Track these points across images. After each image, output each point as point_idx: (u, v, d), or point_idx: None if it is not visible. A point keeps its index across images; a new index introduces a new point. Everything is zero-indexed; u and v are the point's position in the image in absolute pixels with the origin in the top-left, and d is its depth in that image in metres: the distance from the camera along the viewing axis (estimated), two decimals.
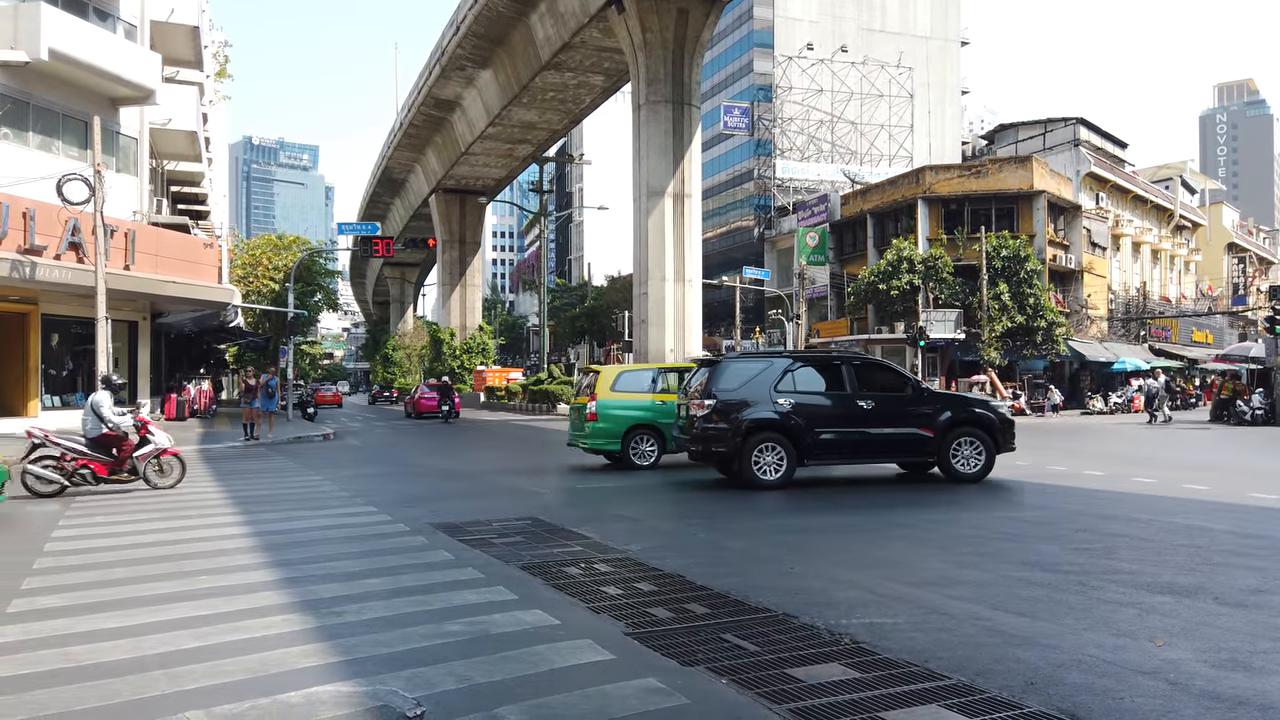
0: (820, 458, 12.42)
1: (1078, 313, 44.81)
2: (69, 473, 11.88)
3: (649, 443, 15.42)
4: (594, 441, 15.60)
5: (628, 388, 15.72)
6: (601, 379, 15.88)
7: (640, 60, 34.08)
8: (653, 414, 15.45)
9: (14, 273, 21.11)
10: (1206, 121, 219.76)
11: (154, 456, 12.47)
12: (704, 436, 12.42)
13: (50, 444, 11.85)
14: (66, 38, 23.33)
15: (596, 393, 15.60)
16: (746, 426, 12.13)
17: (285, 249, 54.50)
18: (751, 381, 12.41)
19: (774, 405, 12.23)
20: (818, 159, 62.13)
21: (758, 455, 12.11)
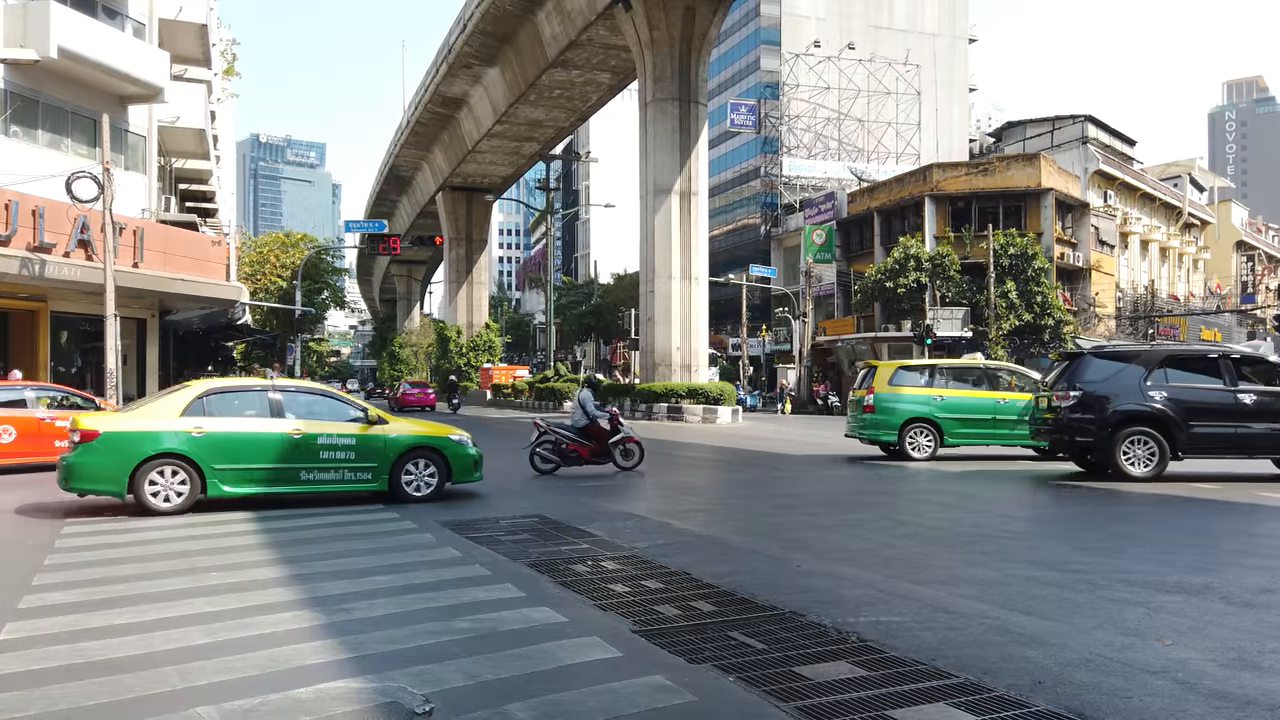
0: (1196, 453, 12.61)
1: (1085, 311, 44.68)
2: (563, 454, 14.45)
3: (926, 435, 15.98)
4: (871, 432, 16.37)
5: (905, 383, 16.29)
6: (879, 374, 16.52)
7: (647, 58, 34.06)
8: (930, 408, 16.00)
9: (23, 270, 21.19)
10: (1215, 119, 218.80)
11: (622, 443, 14.79)
12: (1066, 426, 12.75)
13: (552, 432, 14.49)
14: (76, 36, 23.40)
15: (874, 386, 16.28)
16: (1116, 418, 12.43)
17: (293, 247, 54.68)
18: (1118, 375, 12.75)
19: (1145, 398, 12.48)
20: (825, 156, 62.01)
21: (1127, 448, 12.42)
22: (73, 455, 9.70)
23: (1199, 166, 74.01)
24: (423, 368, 78.98)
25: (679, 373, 33.60)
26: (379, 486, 10.83)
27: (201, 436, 9.95)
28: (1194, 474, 13.36)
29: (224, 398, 10.44)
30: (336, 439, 10.60)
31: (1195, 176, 67.36)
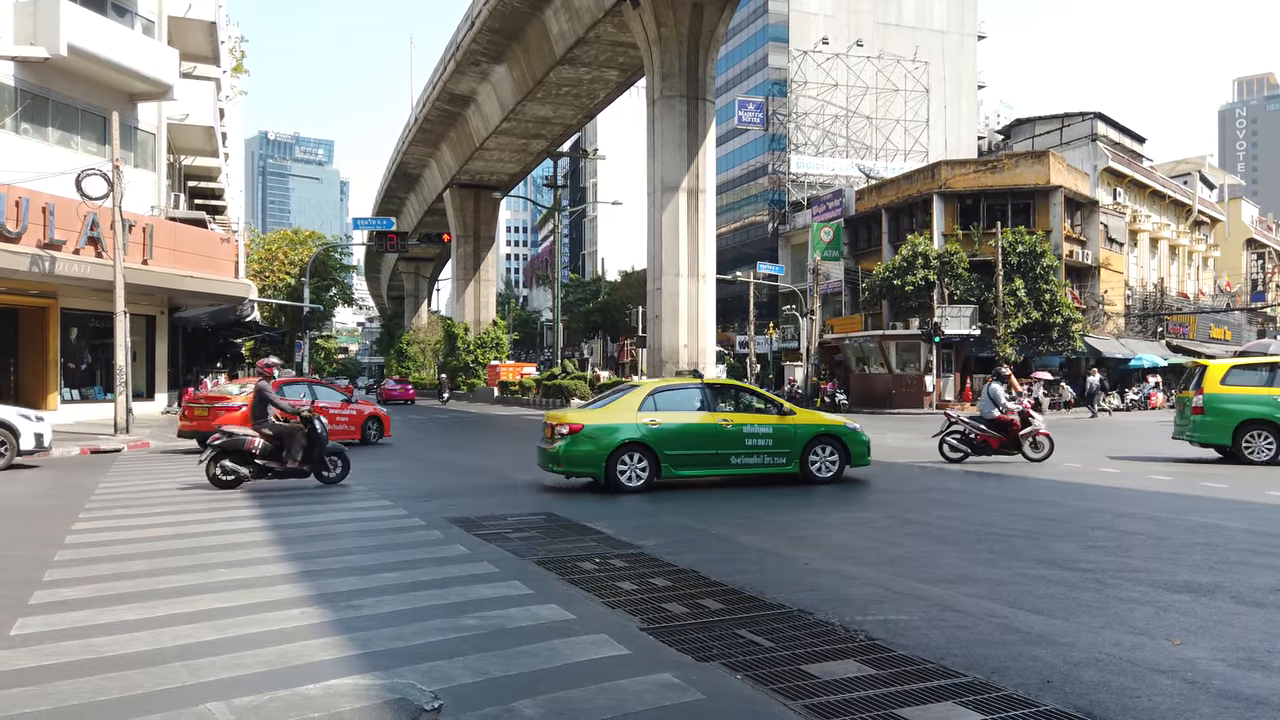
0: None
1: (1094, 309, 44.51)
2: (974, 444, 15.05)
3: (1265, 439, 14.88)
4: (1201, 435, 15.40)
5: (1240, 382, 15.26)
6: (1210, 373, 15.53)
7: (655, 55, 34.03)
8: (1270, 409, 14.88)
9: (34, 267, 21.29)
10: (1226, 116, 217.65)
11: (1032, 435, 15.08)
12: None
13: (961, 423, 15.19)
14: (85, 34, 23.49)
15: (1205, 386, 15.32)
16: None
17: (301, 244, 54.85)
18: None
19: None
20: (832, 154, 61.87)
21: None
22: (563, 445, 11.54)
23: (1209, 164, 73.63)
24: (430, 365, 79.11)
25: (686, 370, 33.60)
26: (792, 469, 12.29)
27: (656, 428, 11.71)
28: None
29: (668, 394, 12.20)
30: (758, 428, 12.14)
31: (1205, 174, 67.04)
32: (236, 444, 11.82)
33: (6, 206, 21.01)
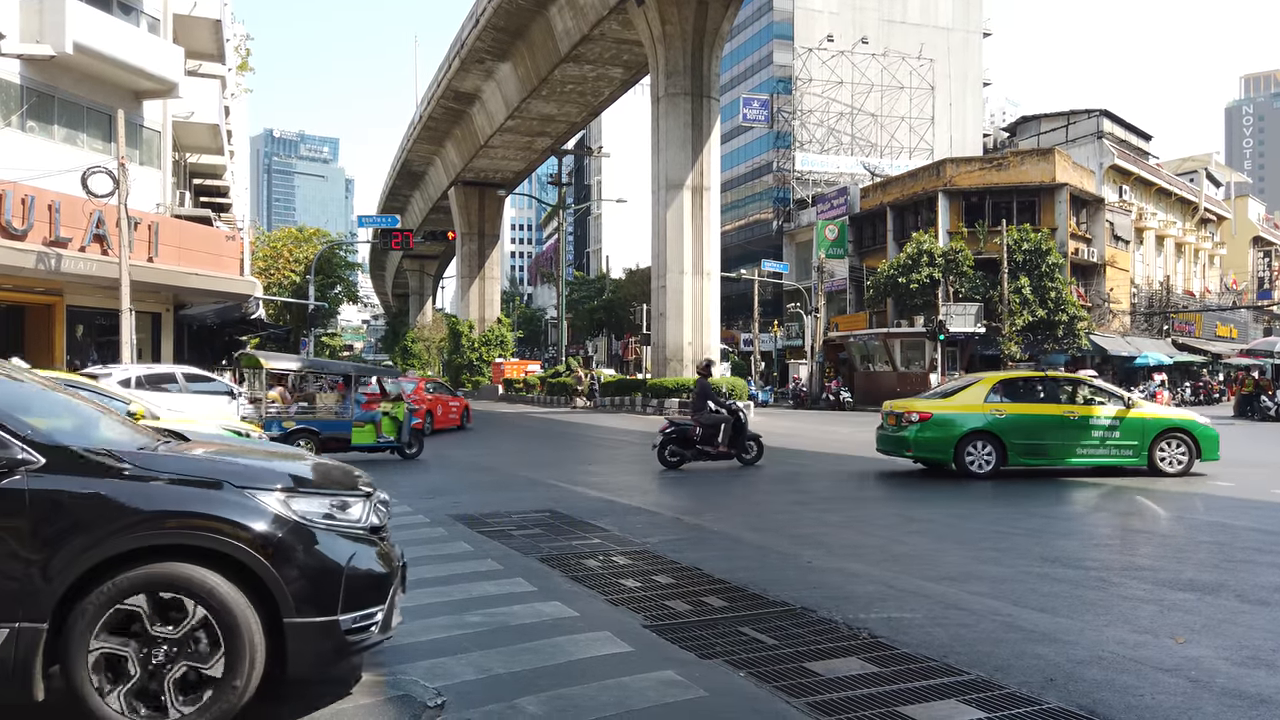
0: None
1: (1100, 307, 44.41)
2: None
3: None
4: None
5: None
6: None
7: (659, 52, 34.01)
8: None
9: (40, 264, 21.33)
10: (1232, 113, 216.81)
11: None
12: None
13: None
14: (91, 31, 23.51)
15: None
16: None
17: (306, 241, 54.88)
18: None
19: None
20: (837, 151, 61.77)
21: None
22: (913, 430, 12.36)
23: (1215, 161, 73.38)
24: (435, 362, 79.21)
25: (690, 368, 33.58)
26: (1139, 462, 12.48)
27: (1002, 418, 12.27)
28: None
29: (1011, 385, 12.90)
30: (1103, 419, 12.40)
31: (1211, 171, 66.81)
32: (683, 432, 14.11)
33: (13, 204, 21.06)
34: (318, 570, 3.63)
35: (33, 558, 3.37)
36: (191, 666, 3.44)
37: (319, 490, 3.87)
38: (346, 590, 3.66)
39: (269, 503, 3.67)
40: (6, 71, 22.72)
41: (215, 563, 3.52)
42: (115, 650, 3.40)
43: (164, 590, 3.44)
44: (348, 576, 3.67)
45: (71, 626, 3.37)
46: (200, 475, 3.69)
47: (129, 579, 3.44)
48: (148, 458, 3.74)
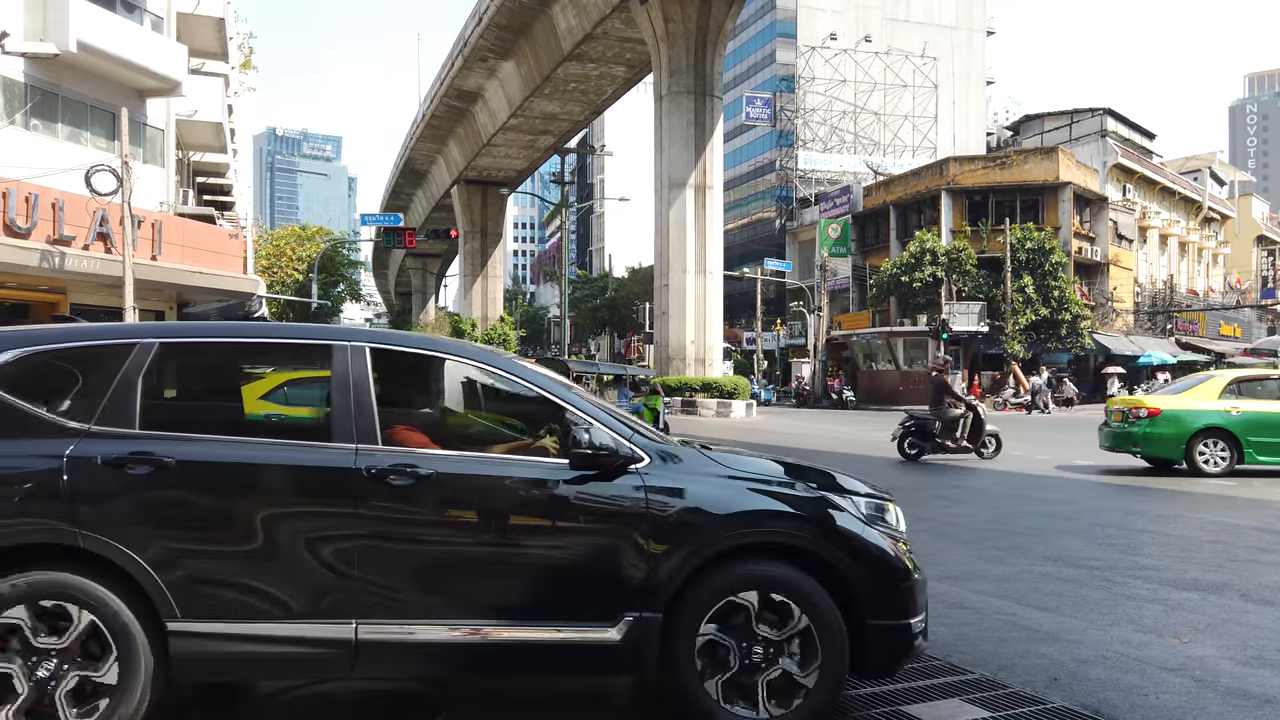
0: None
1: (1103, 306, 44.35)
2: None
3: None
4: None
5: None
6: None
7: (662, 51, 33.98)
8: None
9: (44, 263, 21.36)
10: (1236, 112, 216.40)
11: None
12: None
13: None
14: (94, 30, 23.53)
15: None
16: None
17: (309, 240, 54.95)
18: None
19: None
20: (840, 150, 61.73)
21: None
22: (1141, 427, 12.44)
23: (1219, 160, 73.26)
24: None
25: (693, 366, 33.58)
26: None
27: (1238, 416, 12.24)
28: None
29: (1248, 384, 12.84)
30: None
31: (1215, 170, 66.69)
32: (923, 425, 14.83)
33: (16, 202, 21.09)
34: (892, 573, 3.65)
35: (654, 551, 3.46)
36: (784, 670, 3.50)
37: (869, 495, 3.88)
38: (914, 593, 3.68)
39: (846, 505, 3.71)
40: (10, 70, 22.75)
41: (801, 563, 3.58)
42: (719, 640, 3.50)
43: (774, 591, 3.51)
44: (916, 580, 3.70)
45: (680, 617, 3.47)
46: (774, 476, 3.77)
47: (737, 574, 3.54)
48: (725, 457, 3.84)
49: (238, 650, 3.34)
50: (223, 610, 3.34)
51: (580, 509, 3.51)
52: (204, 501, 3.40)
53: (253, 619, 3.35)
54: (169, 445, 3.37)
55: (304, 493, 3.46)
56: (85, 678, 3.23)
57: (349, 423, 3.50)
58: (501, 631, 3.42)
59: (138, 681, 3.25)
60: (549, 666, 3.58)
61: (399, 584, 3.40)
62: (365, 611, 3.38)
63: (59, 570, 3.24)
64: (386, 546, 3.41)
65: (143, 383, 3.48)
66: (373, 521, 3.39)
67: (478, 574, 3.47)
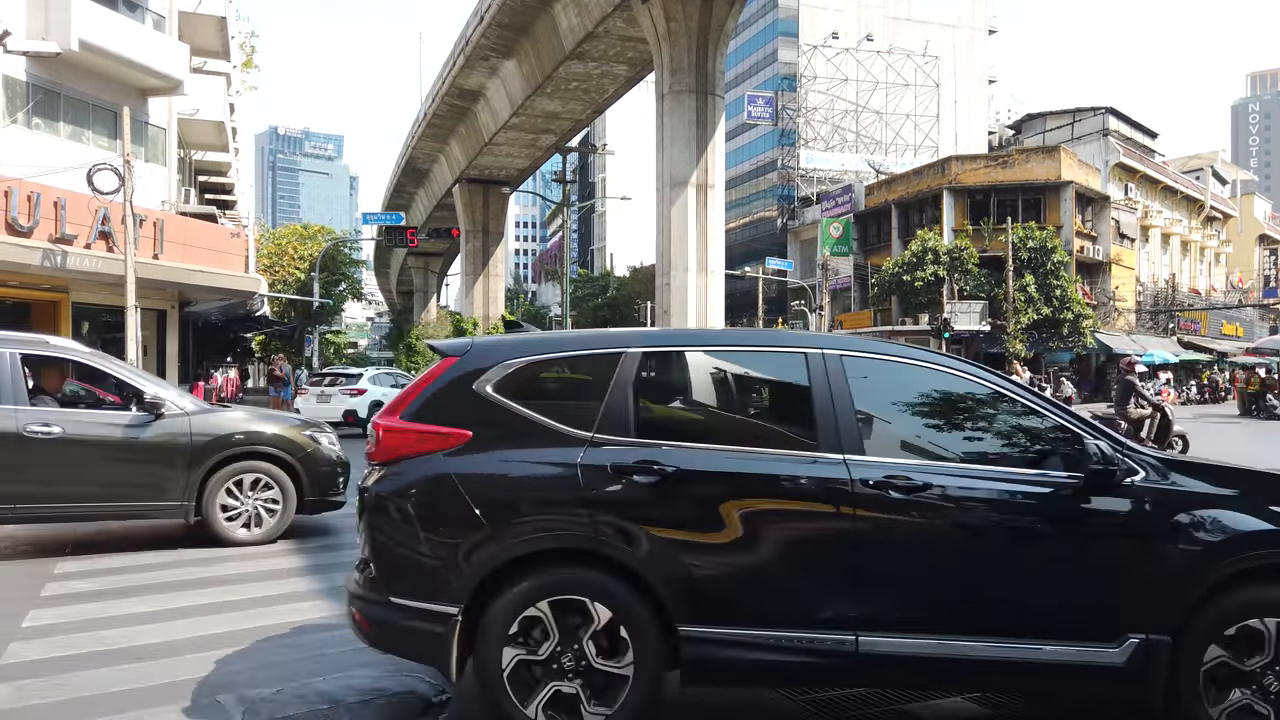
0: None
1: (1105, 305, 44.32)
2: None
3: None
4: None
5: None
6: None
7: (664, 50, 33.96)
8: None
9: (45, 262, 21.39)
10: (1239, 111, 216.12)
11: None
12: None
13: None
14: (96, 29, 23.56)
15: None
16: None
17: (310, 239, 55.00)
18: None
19: None
20: (842, 149, 61.69)
21: None
22: None
23: (1222, 159, 73.16)
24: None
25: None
26: None
27: None
28: None
29: None
30: None
31: (1218, 169, 66.61)
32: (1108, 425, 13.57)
33: (18, 201, 21.11)
34: None
35: (1165, 570, 3.36)
36: None
37: None
38: None
39: None
40: (12, 68, 22.78)
41: None
42: (1229, 663, 3.38)
43: None
44: None
45: (1187, 638, 3.36)
46: None
47: (1249, 598, 3.40)
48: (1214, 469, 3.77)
49: (746, 657, 3.40)
50: (731, 617, 3.41)
51: (1085, 524, 3.44)
52: (707, 509, 3.47)
53: (760, 626, 3.40)
54: (669, 453, 3.47)
55: (800, 503, 3.49)
56: (603, 670, 3.41)
57: (834, 432, 3.52)
58: (999, 648, 3.37)
59: (650, 678, 3.40)
60: (1044, 685, 3.52)
61: (896, 596, 3.43)
62: (865, 623, 3.39)
63: (579, 568, 3.43)
64: (884, 558, 3.43)
65: (633, 390, 3.60)
66: (868, 533, 3.41)
67: (977, 588, 3.45)
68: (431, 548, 3.50)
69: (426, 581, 3.48)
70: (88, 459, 7.01)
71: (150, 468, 7.21)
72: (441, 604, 3.42)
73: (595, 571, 3.41)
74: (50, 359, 7.40)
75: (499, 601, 3.40)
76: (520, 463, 3.53)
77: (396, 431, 3.61)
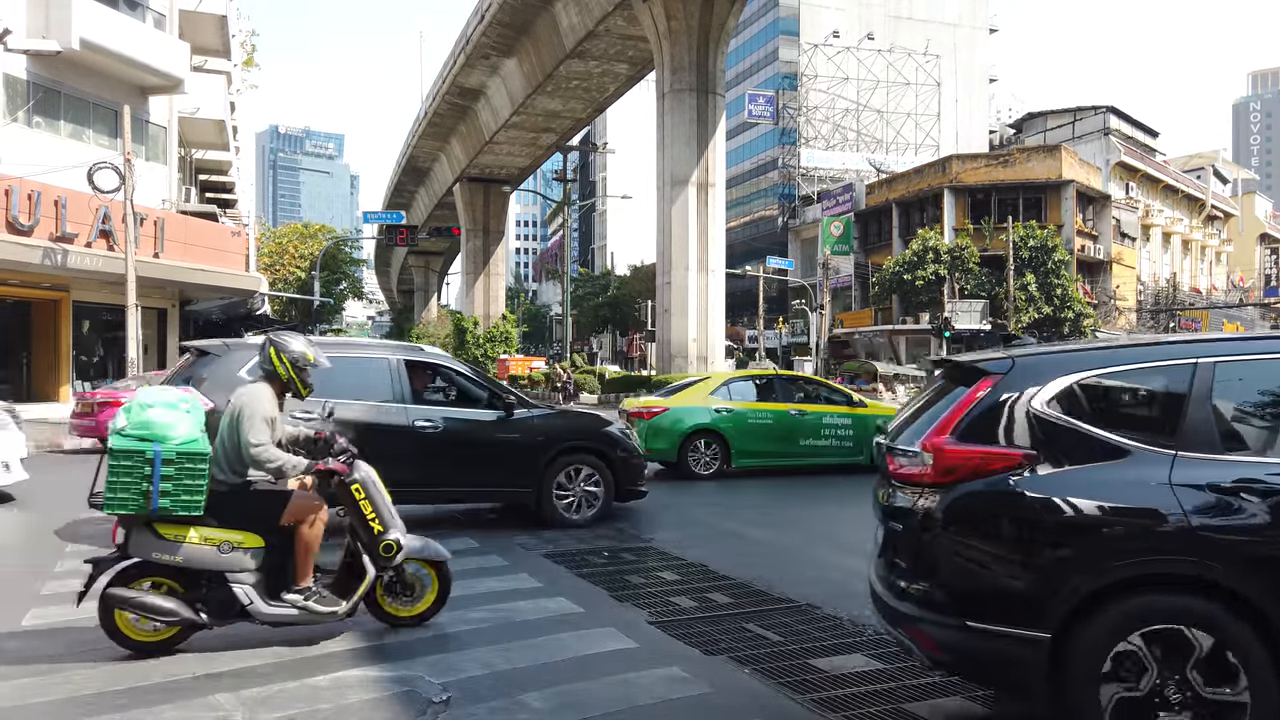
0: None
1: (1106, 304, 44.31)
2: None
3: None
4: None
5: None
6: None
7: (665, 48, 33.94)
8: None
9: (46, 260, 21.39)
10: (1240, 110, 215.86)
11: None
12: None
13: None
14: (97, 27, 23.54)
15: None
16: None
17: (311, 237, 55.03)
18: None
19: None
20: (843, 148, 61.66)
21: None
22: None
23: (1222, 158, 73.14)
24: None
25: (695, 364, 33.54)
26: None
27: None
28: None
29: None
30: None
31: (1218, 168, 66.57)
32: None
33: (19, 200, 21.11)
34: None
35: None
36: None
37: None
38: None
39: None
40: (13, 67, 22.76)
41: None
42: None
43: None
44: None
45: None
46: None
47: None
48: None
49: None
50: None
51: None
52: None
53: None
54: (1265, 469, 3.26)
55: None
56: (1213, 699, 3.16)
57: None
58: None
59: (1270, 701, 3.14)
60: None
61: None
62: None
63: (1175, 594, 3.22)
64: None
65: (1214, 403, 3.40)
66: None
67: None
68: (1013, 572, 3.37)
69: (1009, 606, 3.33)
70: (460, 450, 8.13)
71: (508, 458, 8.32)
72: (1028, 629, 3.27)
73: (1192, 597, 3.20)
74: (421, 364, 8.37)
75: (1089, 631, 3.24)
76: (1100, 483, 3.36)
77: (955, 453, 3.48)
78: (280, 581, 4.76)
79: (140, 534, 4.55)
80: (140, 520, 4.53)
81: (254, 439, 4.60)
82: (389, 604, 5.11)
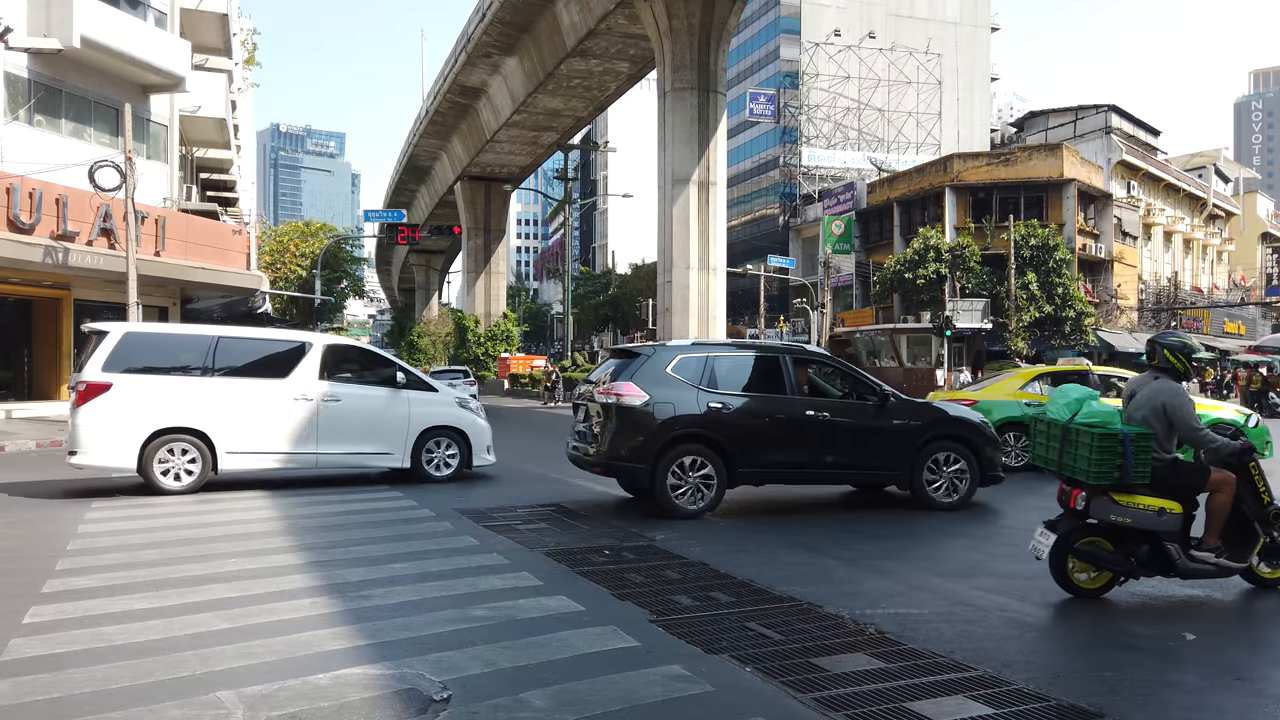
0: None
1: (1107, 303, 44.26)
2: None
3: None
4: None
5: None
6: None
7: (666, 47, 33.91)
8: None
9: (47, 258, 21.39)
10: (1241, 109, 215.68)
11: None
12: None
13: None
14: (98, 25, 23.54)
15: None
16: None
17: (312, 236, 54.94)
18: None
19: None
20: (844, 147, 61.63)
21: None
22: None
23: (1224, 157, 73.06)
24: (441, 357, 79.35)
25: None
26: None
27: None
28: None
29: None
30: None
31: (1220, 167, 66.53)
32: None
33: (20, 198, 21.11)
34: None
35: None
36: None
37: None
38: None
39: None
40: (14, 65, 22.76)
41: None
42: None
43: None
44: None
45: None
46: None
47: None
48: None
49: None
50: None
51: None
52: None
53: None
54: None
55: None
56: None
57: None
58: None
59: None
60: None
61: None
62: None
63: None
64: None
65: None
66: None
67: None
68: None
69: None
70: (844, 435, 9.23)
71: (885, 444, 9.33)
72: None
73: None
74: (801, 359, 9.64)
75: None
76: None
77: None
78: (1183, 543, 5.60)
79: (1100, 501, 5.51)
80: (1100, 489, 5.48)
81: (1195, 424, 5.56)
82: (1260, 568, 5.89)
